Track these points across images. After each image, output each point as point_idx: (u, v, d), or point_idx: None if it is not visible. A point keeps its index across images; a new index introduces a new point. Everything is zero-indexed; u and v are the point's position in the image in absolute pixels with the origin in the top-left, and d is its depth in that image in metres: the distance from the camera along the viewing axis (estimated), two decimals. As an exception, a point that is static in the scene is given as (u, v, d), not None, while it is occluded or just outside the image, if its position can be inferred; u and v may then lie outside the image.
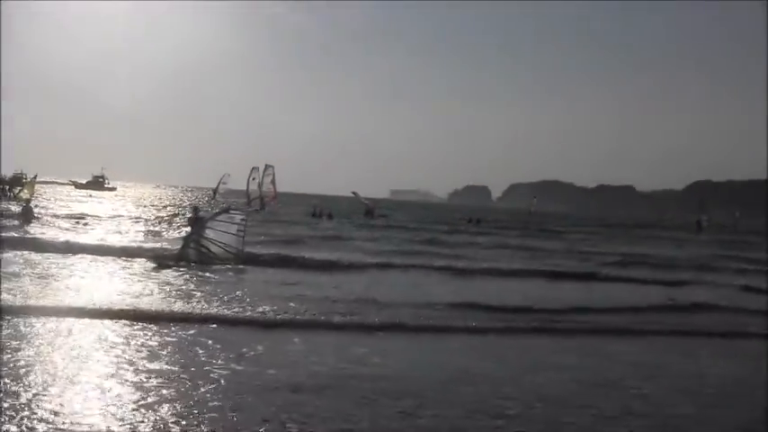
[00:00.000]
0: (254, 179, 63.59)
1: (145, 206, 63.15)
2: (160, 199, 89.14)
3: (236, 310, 12.88)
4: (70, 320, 11.20)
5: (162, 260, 19.42)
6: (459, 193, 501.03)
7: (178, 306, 13.00)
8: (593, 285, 21.05)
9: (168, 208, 60.21)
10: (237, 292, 14.74)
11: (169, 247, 22.54)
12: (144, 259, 19.78)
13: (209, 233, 20.31)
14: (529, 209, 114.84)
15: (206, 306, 13.12)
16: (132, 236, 28.65)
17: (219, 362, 9.32)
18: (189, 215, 24.90)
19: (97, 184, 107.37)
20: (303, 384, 8.50)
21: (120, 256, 20.17)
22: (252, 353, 9.94)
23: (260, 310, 12.96)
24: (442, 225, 57.57)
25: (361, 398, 8.14)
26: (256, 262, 20.44)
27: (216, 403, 7.60)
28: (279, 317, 12.51)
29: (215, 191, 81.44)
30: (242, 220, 20.79)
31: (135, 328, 11.05)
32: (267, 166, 62.85)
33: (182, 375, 8.61)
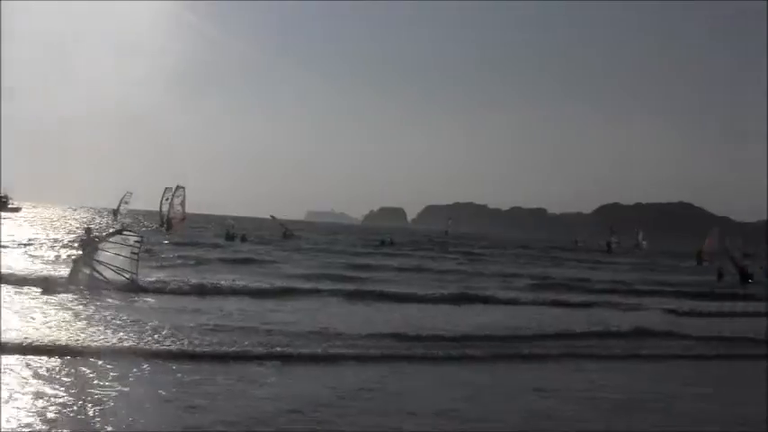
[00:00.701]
0: (167, 200, 61.87)
1: (53, 228, 60.20)
2: (66, 220, 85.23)
3: (112, 339, 12.13)
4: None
5: (50, 286, 18.18)
6: (375, 214, 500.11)
7: (54, 335, 12.08)
8: (503, 309, 20.77)
9: (74, 230, 57.43)
10: (122, 320, 13.89)
11: (58, 271, 21.11)
12: (30, 286, 18.41)
13: (101, 256, 19.18)
14: (445, 230, 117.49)
15: (86, 335, 12.28)
16: (24, 259, 26.90)
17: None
18: (81, 236, 23.45)
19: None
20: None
21: (5, 282, 18.72)
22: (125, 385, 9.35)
23: (142, 339, 12.27)
24: (356, 247, 57.69)
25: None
26: (151, 287, 19.42)
27: None
28: (154, 347, 11.82)
29: (116, 211, 78.43)
30: (136, 241, 19.68)
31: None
32: (178, 187, 61.23)
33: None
